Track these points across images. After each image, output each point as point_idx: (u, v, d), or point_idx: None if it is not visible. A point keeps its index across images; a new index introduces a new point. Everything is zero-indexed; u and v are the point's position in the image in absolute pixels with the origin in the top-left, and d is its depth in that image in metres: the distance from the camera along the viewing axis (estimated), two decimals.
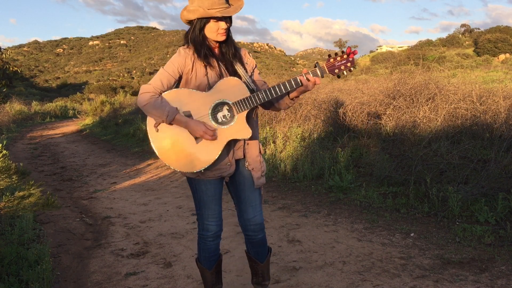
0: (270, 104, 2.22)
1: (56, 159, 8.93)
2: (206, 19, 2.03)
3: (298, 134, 6.59)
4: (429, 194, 4.04)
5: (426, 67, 7.45)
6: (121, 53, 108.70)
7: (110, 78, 72.14)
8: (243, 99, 2.03)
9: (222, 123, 2.06)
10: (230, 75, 2.11)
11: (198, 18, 2.04)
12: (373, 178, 4.87)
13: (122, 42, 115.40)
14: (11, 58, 14.68)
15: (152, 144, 2.10)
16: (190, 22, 2.11)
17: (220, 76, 2.10)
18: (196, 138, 2.06)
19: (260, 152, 2.22)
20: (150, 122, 2.09)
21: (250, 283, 2.72)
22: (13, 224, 3.86)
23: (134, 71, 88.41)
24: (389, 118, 6.04)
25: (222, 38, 2.07)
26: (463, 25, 61.85)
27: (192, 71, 2.09)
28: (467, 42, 52.04)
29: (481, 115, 5.54)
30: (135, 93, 26.65)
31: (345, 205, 4.44)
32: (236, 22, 2.33)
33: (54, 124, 17.92)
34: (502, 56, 40.90)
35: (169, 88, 2.09)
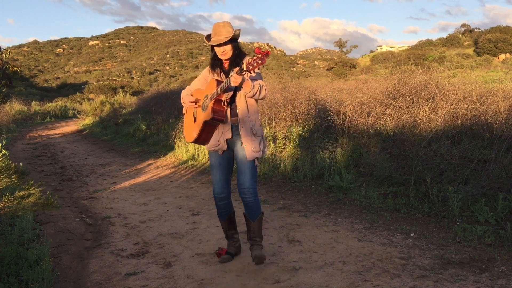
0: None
1: (56, 159, 8.93)
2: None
3: (298, 134, 6.59)
4: (429, 194, 4.04)
5: (426, 67, 7.43)
6: (121, 53, 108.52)
7: (110, 78, 72.05)
8: (211, 92, 2.91)
9: (204, 109, 2.97)
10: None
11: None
12: (373, 178, 4.87)
13: (122, 42, 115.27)
14: (11, 58, 14.67)
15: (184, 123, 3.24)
16: None
17: None
18: (194, 118, 3.08)
19: (252, 133, 2.94)
20: (183, 110, 3.23)
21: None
22: (13, 224, 3.86)
23: (134, 71, 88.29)
24: (389, 118, 6.04)
25: (222, 57, 2.97)
26: (463, 25, 61.78)
27: (209, 78, 3.06)
28: (467, 42, 52.02)
29: (481, 115, 5.53)
30: (135, 93, 26.66)
31: (345, 205, 4.44)
32: (234, 22, 2.74)
33: (54, 124, 17.91)
34: (502, 56, 40.89)
35: (198, 87, 3.14)
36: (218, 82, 2.92)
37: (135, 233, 4.02)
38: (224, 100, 2.91)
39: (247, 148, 2.92)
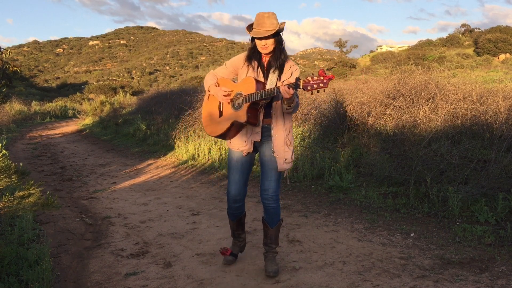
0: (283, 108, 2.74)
1: (56, 159, 8.93)
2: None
3: (298, 134, 6.59)
4: (429, 194, 4.04)
5: (426, 67, 7.43)
6: (121, 53, 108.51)
7: (110, 78, 72.09)
8: (249, 94, 2.66)
9: (235, 108, 2.76)
10: (264, 77, 2.77)
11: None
12: (373, 178, 4.87)
13: (122, 42, 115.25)
14: (11, 58, 14.66)
15: (202, 111, 3.07)
16: None
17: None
18: (219, 112, 2.87)
19: (286, 144, 2.78)
20: (205, 96, 3.02)
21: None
22: (13, 224, 3.86)
23: (134, 71, 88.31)
24: (389, 118, 6.04)
25: (262, 51, 2.72)
26: (463, 25, 61.77)
27: (242, 69, 2.83)
28: (467, 42, 51.99)
29: (481, 115, 5.53)
30: (135, 93, 26.67)
31: (345, 205, 4.44)
32: (233, 22, 2.72)
33: (54, 124, 17.91)
34: (502, 56, 40.87)
35: (224, 75, 2.92)
36: (259, 83, 2.68)
37: (135, 233, 4.02)
38: (261, 105, 2.73)
39: (278, 160, 2.78)
